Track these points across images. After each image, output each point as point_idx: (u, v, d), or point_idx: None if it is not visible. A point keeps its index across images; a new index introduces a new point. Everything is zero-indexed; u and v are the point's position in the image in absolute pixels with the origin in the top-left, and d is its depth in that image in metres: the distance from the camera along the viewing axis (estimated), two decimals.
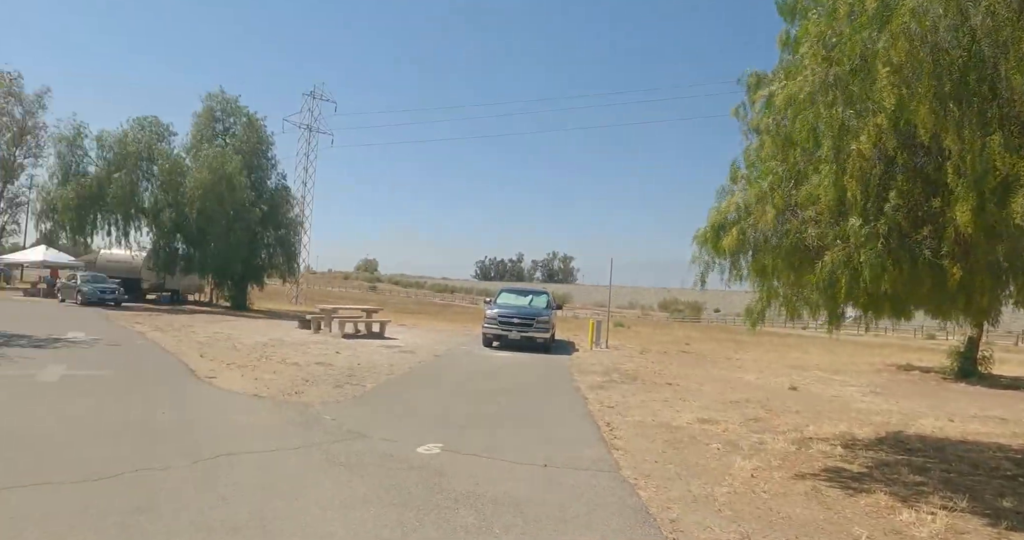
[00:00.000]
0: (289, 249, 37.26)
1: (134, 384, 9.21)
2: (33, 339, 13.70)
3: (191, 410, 7.67)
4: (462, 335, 23.66)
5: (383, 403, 8.92)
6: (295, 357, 13.45)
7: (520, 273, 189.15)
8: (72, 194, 29.13)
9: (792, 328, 62.67)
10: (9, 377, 9.10)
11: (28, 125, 45.44)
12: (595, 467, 6.21)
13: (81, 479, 4.88)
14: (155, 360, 12.03)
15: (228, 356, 13.04)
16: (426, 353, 16.03)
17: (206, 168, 30.38)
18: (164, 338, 16.02)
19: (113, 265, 34.44)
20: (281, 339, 17.42)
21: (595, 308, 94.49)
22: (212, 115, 34.86)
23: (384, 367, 12.68)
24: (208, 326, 20.68)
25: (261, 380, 10.17)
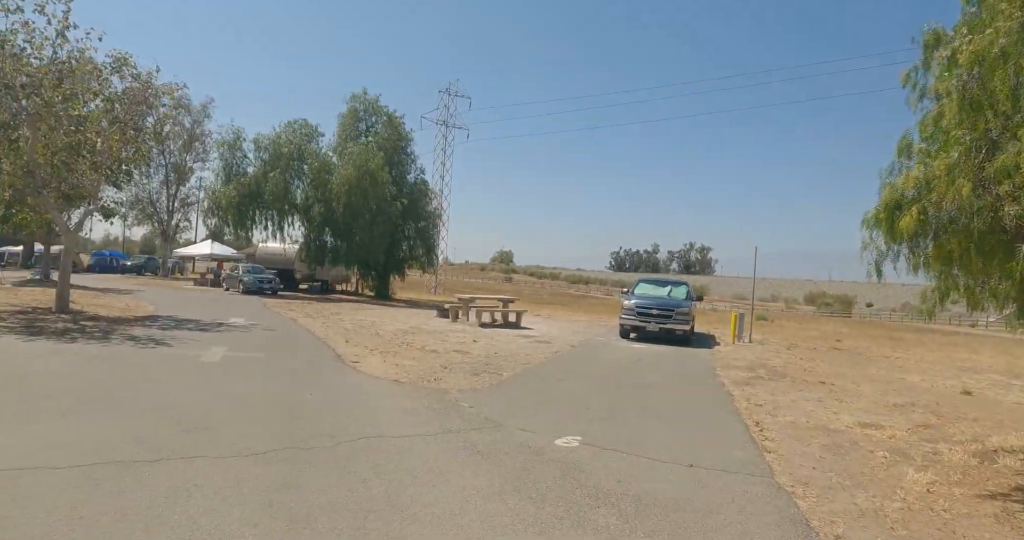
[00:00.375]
0: (428, 241, 38.57)
1: (286, 366, 9.71)
2: (200, 323, 14.92)
3: (336, 392, 7.91)
4: (598, 326, 23.34)
5: (520, 392, 8.81)
6: (434, 345, 13.72)
7: (655, 264, 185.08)
8: (233, 192, 31.71)
9: (958, 325, 57.03)
10: (179, 357, 9.87)
11: (196, 132, 50.05)
12: (746, 470, 5.72)
13: (234, 455, 5.09)
14: (306, 344, 12.69)
15: (371, 342, 13.52)
16: (562, 343, 15.87)
17: (351, 165, 31.94)
18: (314, 324, 16.92)
19: (270, 257, 37.13)
20: (420, 327, 17.91)
21: (734, 301, 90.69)
22: (356, 115, 36.60)
23: (521, 356, 12.63)
24: (353, 314, 21.69)
25: (401, 366, 10.40)
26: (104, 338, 11.33)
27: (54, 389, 7.09)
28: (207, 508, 4.01)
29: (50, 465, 4.64)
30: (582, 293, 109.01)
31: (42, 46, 13.53)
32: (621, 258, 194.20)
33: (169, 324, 14.35)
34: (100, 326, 13.00)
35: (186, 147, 51.92)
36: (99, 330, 12.37)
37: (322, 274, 38.40)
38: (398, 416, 6.86)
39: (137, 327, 13.36)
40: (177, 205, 53.21)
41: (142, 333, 12.38)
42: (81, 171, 14.57)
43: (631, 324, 17.82)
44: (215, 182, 34.24)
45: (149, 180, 53.64)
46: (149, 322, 14.56)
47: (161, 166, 53.23)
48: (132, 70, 15.14)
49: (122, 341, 11.10)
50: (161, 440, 5.38)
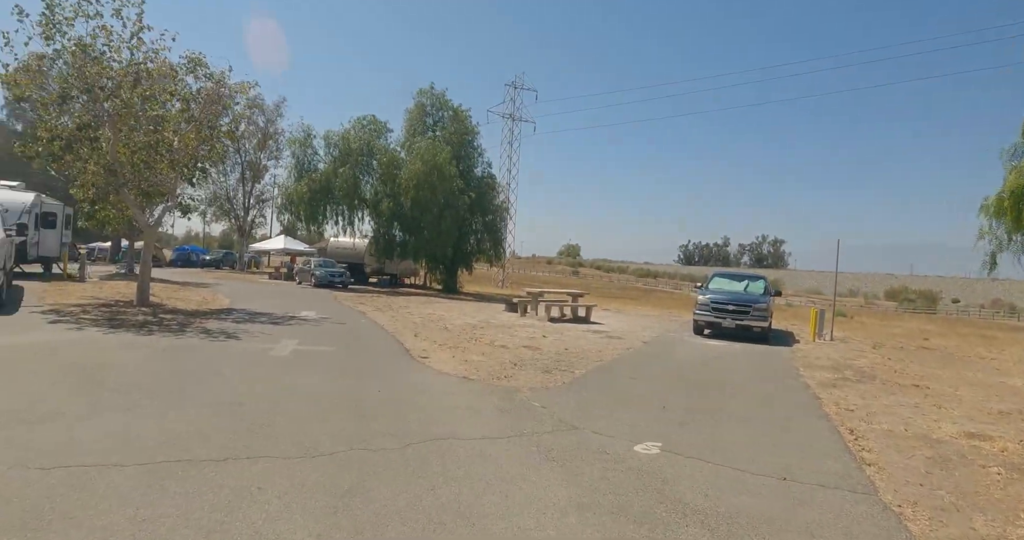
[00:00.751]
0: (495, 235, 38.45)
1: (354, 361, 9.61)
2: (272, 316, 15.10)
3: (404, 389, 7.71)
4: (669, 321, 22.66)
5: (593, 392, 8.42)
6: (503, 339, 13.47)
7: (726, 258, 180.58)
8: (305, 188, 32.35)
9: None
10: (249, 350, 9.90)
11: (270, 131, 51.37)
12: (845, 485, 5.19)
13: (299, 455, 4.91)
14: (374, 338, 12.63)
15: (440, 336, 13.37)
16: (634, 339, 15.37)
17: (419, 160, 32.08)
18: (383, 318, 16.94)
19: (340, 251, 37.79)
20: (489, 321, 17.70)
21: (809, 296, 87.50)
22: (423, 110, 36.75)
23: (592, 353, 12.23)
24: (422, 307, 21.69)
25: (470, 362, 10.17)
26: (179, 331, 11.52)
27: (125, 383, 7.12)
28: (270, 514, 3.81)
29: (117, 462, 4.55)
30: (650, 287, 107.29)
31: (119, 49, 13.88)
32: (690, 252, 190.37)
33: (243, 317, 14.57)
34: (177, 319, 13.27)
35: (260, 146, 53.50)
36: (176, 323, 12.62)
37: (391, 268, 38.85)
38: (468, 416, 6.59)
39: (212, 320, 13.59)
40: (252, 202, 54.92)
41: (216, 326, 12.57)
42: (159, 169, 14.93)
43: (705, 320, 17.14)
44: (287, 179, 35.09)
45: (226, 178, 55.55)
46: (224, 315, 14.82)
47: (237, 164, 55.01)
48: (205, 70, 15.42)
49: (196, 334, 11.26)
50: (227, 438, 5.26)
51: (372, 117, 35.65)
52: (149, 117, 14.72)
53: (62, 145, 13.46)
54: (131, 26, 13.82)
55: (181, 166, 15.16)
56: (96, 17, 13.61)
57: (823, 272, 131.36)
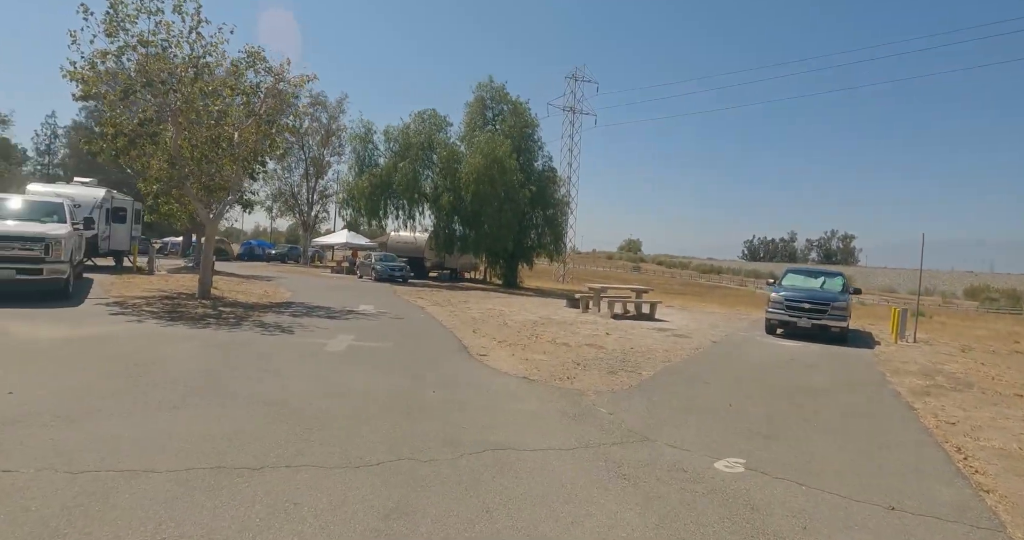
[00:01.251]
0: (556, 229, 37.86)
1: (410, 358, 9.19)
2: (330, 310, 14.91)
3: (460, 390, 7.23)
4: (737, 319, 21.63)
5: (664, 396, 7.76)
6: (565, 337, 12.90)
7: (792, 253, 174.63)
8: (366, 183, 32.42)
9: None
10: (304, 345, 9.61)
11: (332, 128, 51.97)
12: (965, 518, 4.43)
13: (343, 465, 4.47)
14: (432, 334, 12.23)
15: (499, 333, 12.89)
16: (702, 338, 14.56)
17: (479, 153, 31.73)
18: (441, 313, 16.59)
19: (401, 246, 37.85)
20: (550, 317, 17.15)
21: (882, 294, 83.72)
22: (483, 103, 36.42)
23: (659, 353, 11.53)
24: (481, 302, 21.30)
25: (531, 361, 9.64)
26: (236, 324, 11.38)
27: (175, 377, 6.87)
28: (304, 536, 3.36)
29: (149, 468, 4.21)
30: (713, 283, 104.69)
31: (179, 44, 13.88)
32: (755, 247, 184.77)
33: (301, 311, 14.42)
34: (236, 312, 13.19)
35: (323, 142, 54.29)
36: (234, 316, 12.52)
37: (451, 262, 38.74)
38: (528, 422, 6.05)
39: (270, 314, 13.47)
40: (316, 197, 55.84)
41: (273, 320, 12.40)
42: (220, 164, 14.92)
43: (779, 319, 16.15)
44: (348, 174, 35.27)
45: (290, 174, 56.69)
46: (282, 309, 14.72)
47: (301, 161, 56.01)
48: (265, 64, 15.33)
49: (252, 328, 11.08)
50: (269, 442, 4.87)
51: (432, 111, 35.49)
52: (211, 112, 14.72)
53: (126, 141, 13.54)
54: (190, 21, 13.80)
55: (241, 160, 15.11)
56: (157, 13, 13.65)
57: (896, 269, 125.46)
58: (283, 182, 56.64)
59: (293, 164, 56.30)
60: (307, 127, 54.78)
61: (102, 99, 13.79)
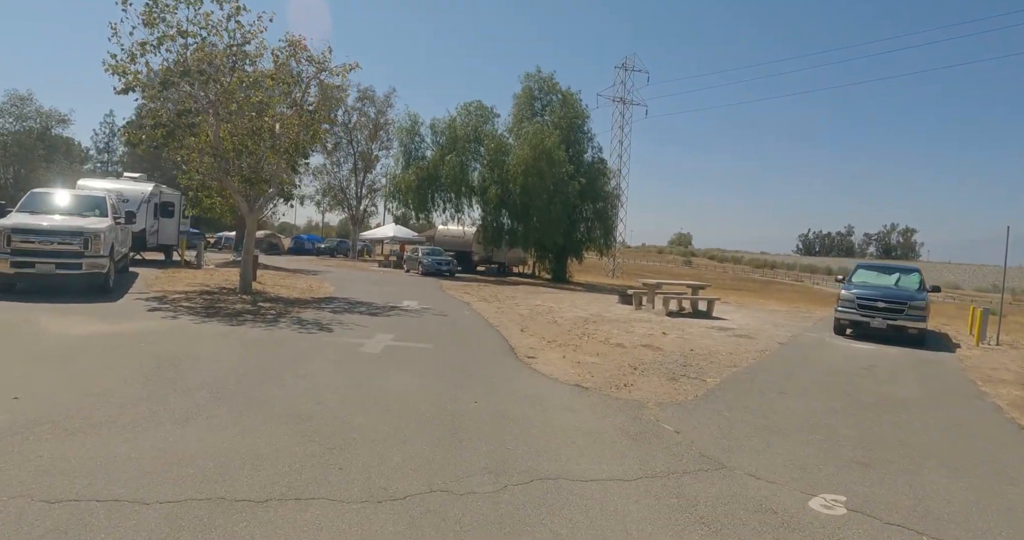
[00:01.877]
0: (606, 222, 36.81)
1: (451, 361, 8.47)
2: (372, 306, 14.37)
3: (505, 401, 6.48)
4: (800, 318, 20.35)
5: (736, 410, 6.85)
6: (619, 336, 12.06)
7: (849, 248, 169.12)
8: (412, 176, 31.98)
9: None
10: (339, 345, 9.01)
11: (380, 122, 51.79)
12: None
13: (363, 498, 3.77)
14: (476, 333, 11.52)
15: (549, 332, 12.13)
16: (767, 340, 13.50)
17: (527, 144, 30.94)
18: (488, 309, 15.90)
19: (448, 240, 37.39)
20: (601, 315, 16.30)
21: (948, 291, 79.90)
22: (530, 94, 35.59)
23: (723, 356, 10.58)
24: (530, 298, 20.56)
25: (584, 364, 8.85)
26: (273, 321, 10.88)
27: (198, 382, 6.31)
28: None
29: (138, 498, 3.59)
30: (768, 278, 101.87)
31: (218, 32, 13.46)
32: (810, 241, 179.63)
33: (342, 307, 13.91)
34: (275, 308, 12.74)
35: (371, 136, 54.21)
36: (272, 312, 12.05)
37: (499, 256, 38.10)
38: (583, 443, 5.25)
39: (310, 309, 12.98)
40: (364, 191, 55.89)
41: (312, 316, 11.89)
42: (261, 154, 14.51)
43: (850, 319, 14.93)
44: (395, 167, 34.94)
45: (339, 168, 56.88)
46: (324, 304, 14.24)
47: (349, 155, 56.15)
48: (306, 53, 14.84)
49: (289, 325, 10.55)
50: (282, 466, 4.21)
51: (478, 103, 34.85)
52: (252, 103, 14.33)
53: (164, 132, 13.19)
54: (228, 8, 13.36)
55: (283, 152, 14.68)
56: (196, 2, 13.24)
57: (960, 265, 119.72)
58: (332, 176, 56.99)
59: (342, 159, 56.58)
60: (355, 122, 55.03)
61: (143, 91, 13.48)
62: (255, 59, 14.36)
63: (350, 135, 55.51)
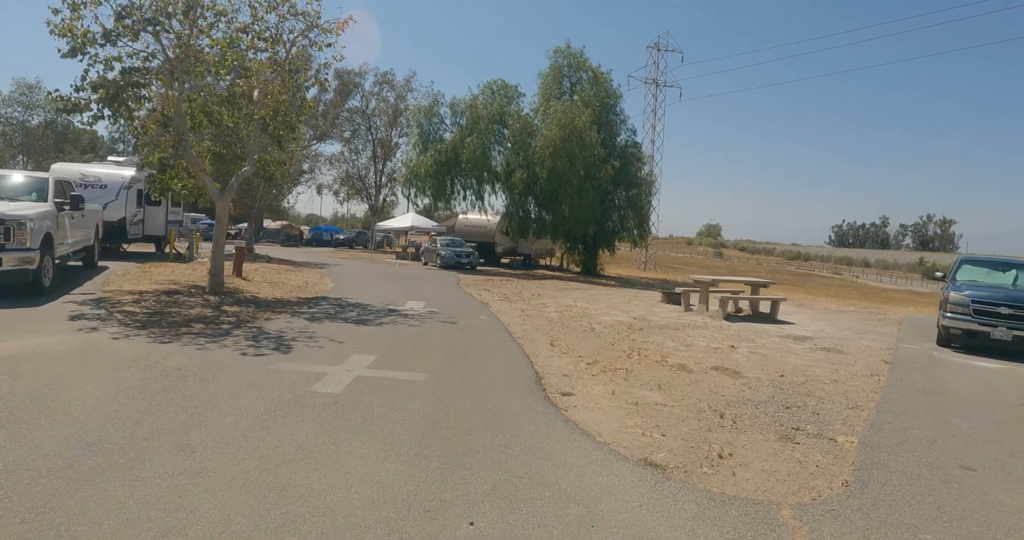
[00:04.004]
0: (640, 211, 33.70)
1: (446, 409, 5.63)
2: (365, 310, 11.67)
3: (527, 515, 3.64)
4: (875, 321, 17.20)
5: (930, 520, 3.95)
6: (677, 352, 9.24)
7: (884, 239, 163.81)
8: (430, 160, 29.24)
9: None
10: (287, 378, 6.20)
11: (400, 108, 49.02)
12: None
13: None
14: (491, 351, 8.72)
15: (586, 346, 9.37)
16: (864, 356, 10.54)
17: (555, 124, 28.08)
18: (509, 312, 13.17)
19: (470, 230, 34.72)
20: (646, 319, 13.47)
21: None
22: (559, 72, 32.69)
23: (827, 386, 7.69)
24: (559, 296, 17.78)
25: (644, 407, 6.06)
26: (222, 336, 8.22)
27: (25, 458, 3.66)
28: None
29: None
30: (805, 271, 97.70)
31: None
32: (843, 232, 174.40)
33: (327, 311, 11.24)
34: (240, 314, 10.11)
35: (391, 123, 51.61)
36: (230, 321, 9.42)
37: (524, 247, 35.35)
38: None
39: (284, 315, 10.34)
40: (384, 180, 53.34)
41: (279, 327, 9.23)
42: (235, 126, 11.93)
43: (963, 327, 11.84)
44: (411, 151, 32.25)
45: (358, 156, 54.38)
46: (307, 307, 11.61)
47: (368, 143, 53.60)
48: (291, 6, 12.18)
49: (238, 342, 7.87)
50: None
51: (501, 81, 32.01)
52: (229, 66, 11.73)
53: (106, 94, 10.55)
54: None
55: (260, 122, 12.04)
56: None
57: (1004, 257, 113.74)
58: (351, 165, 54.55)
59: (360, 146, 54.13)
60: (374, 108, 52.51)
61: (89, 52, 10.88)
62: (225, 13, 11.69)
63: (368, 122, 53.04)
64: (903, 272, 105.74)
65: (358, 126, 53.07)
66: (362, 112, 52.83)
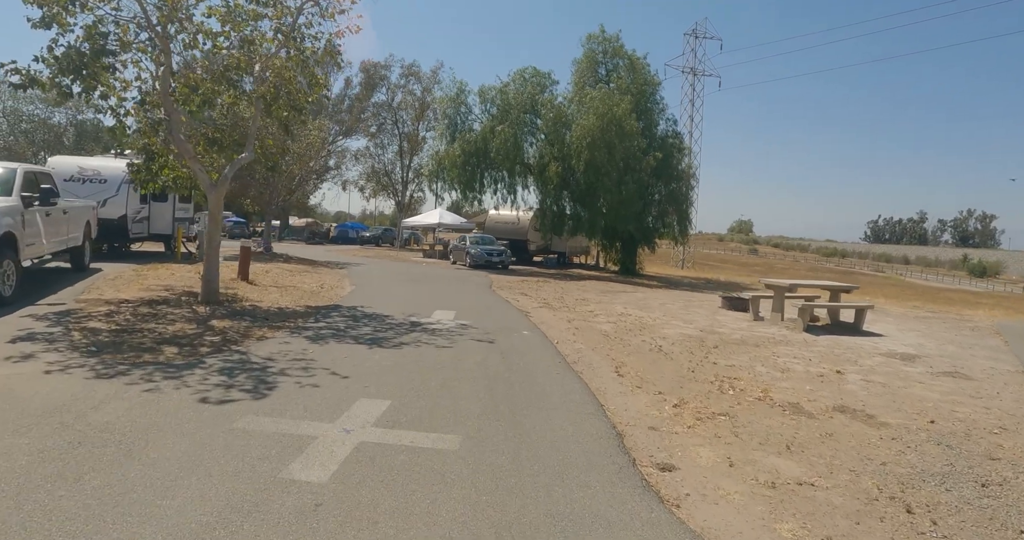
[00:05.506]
0: (681, 206, 31.34)
1: (494, 516, 3.57)
2: (384, 323, 9.69)
3: None
4: (966, 329, 14.80)
5: None
6: (777, 382, 7.17)
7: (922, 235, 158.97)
8: (458, 151, 27.27)
9: None
10: (250, 450, 4.19)
11: (427, 101, 47.13)
12: None
13: None
14: (544, 388, 6.61)
15: (661, 374, 7.34)
16: (997, 383, 8.30)
17: (592, 113, 25.93)
18: (556, 323, 11.17)
19: (501, 226, 32.78)
20: (715, 330, 11.38)
21: None
22: (593, 59, 30.53)
23: (996, 434, 5.52)
24: (606, 301, 15.72)
25: (787, 494, 4.02)
26: (188, 368, 6.31)
27: None
28: None
29: None
30: (845, 269, 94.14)
31: None
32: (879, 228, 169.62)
33: (336, 326, 9.30)
34: (228, 331, 8.24)
35: (418, 116, 49.83)
36: (213, 342, 7.55)
37: (559, 245, 33.27)
38: None
39: (281, 333, 8.43)
40: (411, 175, 51.58)
41: (271, 352, 7.32)
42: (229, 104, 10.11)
43: None
44: (438, 142, 30.35)
45: (384, 151, 52.69)
46: (314, 320, 9.71)
47: (395, 137, 51.88)
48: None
49: (205, 379, 5.92)
50: None
51: (534, 68, 29.86)
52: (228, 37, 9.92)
53: (74, 63, 8.73)
54: None
55: (259, 98, 10.18)
56: None
57: None
58: (376, 160, 52.90)
59: (386, 141, 52.44)
60: (400, 101, 50.74)
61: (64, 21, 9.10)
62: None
63: (395, 115, 51.32)
64: (946, 269, 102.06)
65: (384, 120, 51.44)
66: (388, 105, 51.17)
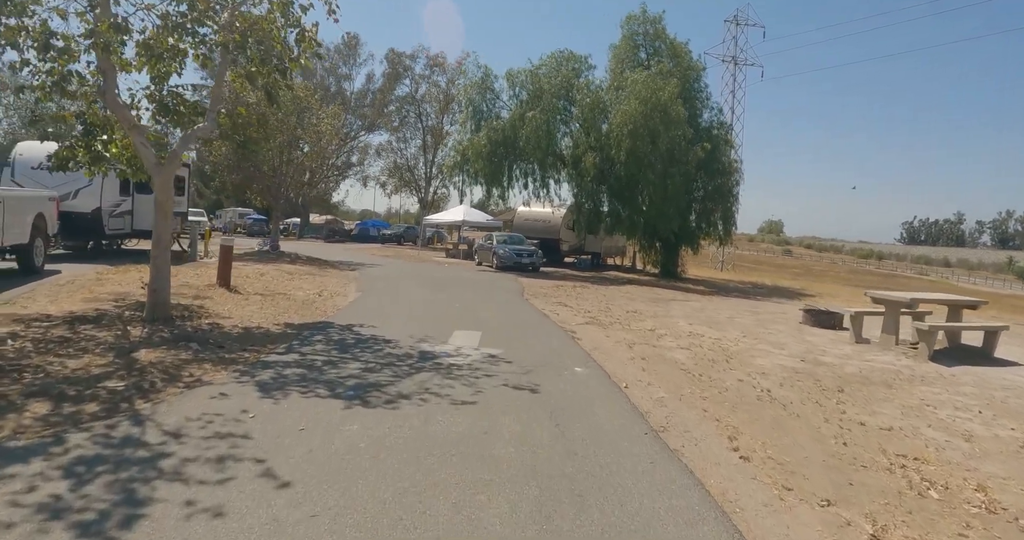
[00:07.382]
0: (726, 203, 28.37)
1: None
2: (381, 355, 7.00)
3: None
4: None
5: None
6: (972, 459, 4.51)
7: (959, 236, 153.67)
8: (483, 141, 24.60)
9: None
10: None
11: (451, 93, 44.71)
12: None
13: None
14: (638, 501, 3.98)
15: (801, 449, 4.70)
16: None
17: (634, 98, 23.15)
18: (612, 349, 8.53)
19: (531, 224, 30.09)
20: (818, 360, 8.65)
21: None
22: (633, 43, 27.71)
23: None
24: (661, 313, 13.03)
25: None
26: (31, 453, 3.81)
27: None
28: None
29: None
30: (887, 271, 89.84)
31: None
32: (915, 229, 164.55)
33: (311, 361, 6.67)
34: (154, 369, 5.74)
35: (442, 109, 47.45)
36: (116, 393, 5.06)
37: (593, 245, 30.49)
38: None
39: (226, 374, 5.88)
40: (435, 171, 49.18)
41: (190, 416, 4.78)
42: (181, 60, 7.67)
43: None
44: (461, 131, 27.79)
45: (406, 146, 50.41)
46: (286, 348, 7.16)
47: (418, 131, 49.57)
48: None
49: (31, 485, 3.42)
50: None
51: (569, 52, 27.08)
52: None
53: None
54: None
55: (222, 47, 7.69)
56: None
57: None
58: (398, 155, 50.64)
59: (409, 135, 50.14)
60: (424, 93, 48.41)
61: None
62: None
63: (418, 108, 49.01)
64: (990, 273, 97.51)
65: (407, 113, 49.14)
66: (411, 98, 48.85)
